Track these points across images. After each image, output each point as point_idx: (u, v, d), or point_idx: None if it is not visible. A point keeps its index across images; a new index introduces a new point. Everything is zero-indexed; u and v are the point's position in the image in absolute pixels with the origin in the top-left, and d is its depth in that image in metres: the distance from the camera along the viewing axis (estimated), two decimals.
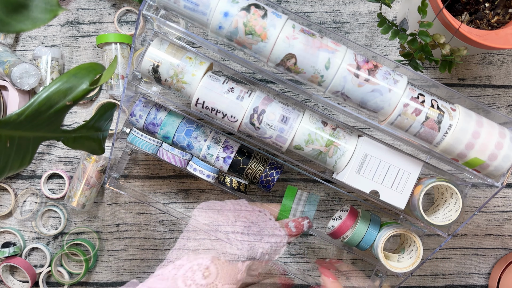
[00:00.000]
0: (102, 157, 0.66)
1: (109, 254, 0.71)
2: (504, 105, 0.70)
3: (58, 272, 0.69)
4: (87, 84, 0.41)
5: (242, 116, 0.53)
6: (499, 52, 0.69)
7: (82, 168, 0.66)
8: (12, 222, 0.71)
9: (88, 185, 0.66)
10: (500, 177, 0.52)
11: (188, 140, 0.59)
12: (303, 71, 0.49)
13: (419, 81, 0.53)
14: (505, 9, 0.59)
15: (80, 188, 0.66)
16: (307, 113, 0.55)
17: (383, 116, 0.50)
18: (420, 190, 0.53)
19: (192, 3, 0.48)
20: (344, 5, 0.69)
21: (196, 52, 0.55)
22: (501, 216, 0.70)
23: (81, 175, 0.66)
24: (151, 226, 0.71)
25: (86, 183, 0.66)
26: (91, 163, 0.66)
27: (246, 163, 0.60)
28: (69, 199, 0.67)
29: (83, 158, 0.67)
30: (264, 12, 0.48)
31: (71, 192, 0.67)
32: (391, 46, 0.69)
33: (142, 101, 0.61)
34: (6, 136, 0.37)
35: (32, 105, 0.38)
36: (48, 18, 0.35)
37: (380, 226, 0.61)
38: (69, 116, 0.70)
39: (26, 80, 0.65)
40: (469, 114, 0.50)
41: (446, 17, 0.53)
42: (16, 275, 0.71)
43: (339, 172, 0.55)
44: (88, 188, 0.66)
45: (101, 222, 0.71)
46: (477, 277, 0.71)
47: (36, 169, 0.70)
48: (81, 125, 0.46)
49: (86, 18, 0.70)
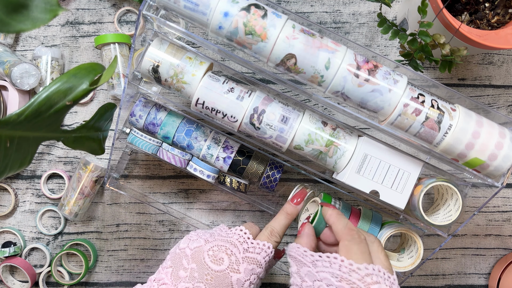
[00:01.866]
0: (98, 167, 0.66)
1: (109, 254, 0.71)
2: (504, 105, 0.69)
3: (58, 272, 0.69)
4: (87, 84, 0.41)
5: (242, 116, 0.53)
6: (499, 52, 0.69)
7: (77, 177, 0.66)
8: (12, 222, 0.71)
9: (82, 195, 0.66)
10: (500, 177, 0.52)
11: (188, 140, 0.59)
12: (303, 71, 0.49)
13: (419, 81, 0.53)
14: (505, 9, 0.59)
15: (74, 197, 0.66)
16: (307, 113, 0.55)
17: (383, 116, 0.50)
18: (420, 190, 0.53)
19: (192, 3, 0.48)
20: (344, 5, 0.69)
21: (196, 52, 0.55)
22: (501, 216, 0.70)
23: (76, 184, 0.66)
24: (151, 226, 0.71)
25: (80, 193, 0.66)
26: (86, 173, 0.66)
27: (246, 163, 0.60)
28: (62, 207, 0.67)
29: (79, 167, 0.67)
30: (264, 12, 0.48)
31: (65, 200, 0.67)
32: (391, 46, 0.69)
33: (142, 101, 0.61)
34: (6, 136, 0.37)
35: (32, 105, 0.38)
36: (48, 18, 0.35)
37: (381, 225, 0.61)
38: (69, 116, 0.70)
39: (26, 80, 0.65)
40: (469, 114, 0.50)
41: (446, 17, 0.53)
42: (16, 275, 0.71)
43: (339, 172, 0.55)
44: (82, 197, 0.66)
45: (101, 222, 0.71)
46: (477, 277, 0.71)
47: (36, 169, 0.70)
48: (81, 125, 0.46)
49: (86, 18, 0.70)
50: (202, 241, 0.50)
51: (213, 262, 0.48)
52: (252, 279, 0.49)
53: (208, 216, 0.71)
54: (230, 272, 0.48)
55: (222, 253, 0.48)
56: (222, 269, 0.48)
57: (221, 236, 0.51)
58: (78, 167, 0.67)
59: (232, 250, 0.49)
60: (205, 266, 0.48)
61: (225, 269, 0.48)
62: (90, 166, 0.66)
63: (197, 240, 0.51)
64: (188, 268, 0.48)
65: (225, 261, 0.48)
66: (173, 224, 0.71)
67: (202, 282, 0.47)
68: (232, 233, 0.51)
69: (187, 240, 0.51)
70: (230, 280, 0.47)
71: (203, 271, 0.47)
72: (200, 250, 0.49)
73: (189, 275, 0.48)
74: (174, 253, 0.51)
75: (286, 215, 0.54)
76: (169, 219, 0.71)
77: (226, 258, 0.48)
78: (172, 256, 0.51)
